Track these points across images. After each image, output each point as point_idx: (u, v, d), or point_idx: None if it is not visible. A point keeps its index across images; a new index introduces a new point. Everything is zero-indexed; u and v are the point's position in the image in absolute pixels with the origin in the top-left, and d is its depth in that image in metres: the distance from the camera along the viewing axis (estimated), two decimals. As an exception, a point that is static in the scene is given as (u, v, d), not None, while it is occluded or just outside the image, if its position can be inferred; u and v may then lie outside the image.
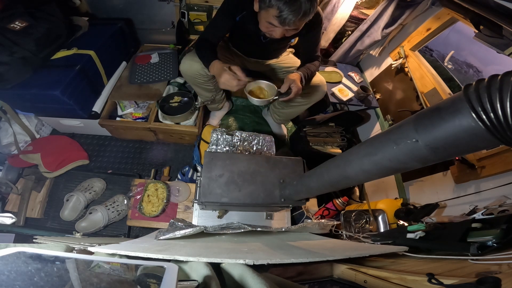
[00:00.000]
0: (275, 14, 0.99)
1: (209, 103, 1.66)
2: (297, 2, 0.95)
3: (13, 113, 1.58)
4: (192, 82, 1.47)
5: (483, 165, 1.08)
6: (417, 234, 0.88)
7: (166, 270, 0.40)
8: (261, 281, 0.47)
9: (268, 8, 1.00)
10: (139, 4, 1.83)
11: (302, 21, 1.02)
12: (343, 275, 0.73)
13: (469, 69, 2.06)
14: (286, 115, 1.73)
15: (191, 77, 1.41)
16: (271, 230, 1.06)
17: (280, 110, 1.71)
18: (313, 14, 1.03)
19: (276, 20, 1.01)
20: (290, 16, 0.98)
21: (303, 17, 1.00)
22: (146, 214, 1.39)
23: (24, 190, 1.54)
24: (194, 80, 1.42)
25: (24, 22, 1.33)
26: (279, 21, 1.01)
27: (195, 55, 1.32)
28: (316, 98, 1.48)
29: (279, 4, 0.96)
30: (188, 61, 1.36)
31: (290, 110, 1.65)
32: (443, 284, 0.51)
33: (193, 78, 1.40)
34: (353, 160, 0.57)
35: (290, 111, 1.66)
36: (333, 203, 1.47)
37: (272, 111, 1.80)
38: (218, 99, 1.68)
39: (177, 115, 1.60)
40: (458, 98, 0.36)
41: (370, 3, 1.78)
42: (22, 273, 0.36)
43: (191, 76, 1.40)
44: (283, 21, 1.00)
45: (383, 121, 1.76)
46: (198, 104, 1.64)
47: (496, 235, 0.67)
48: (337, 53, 1.97)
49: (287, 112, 1.68)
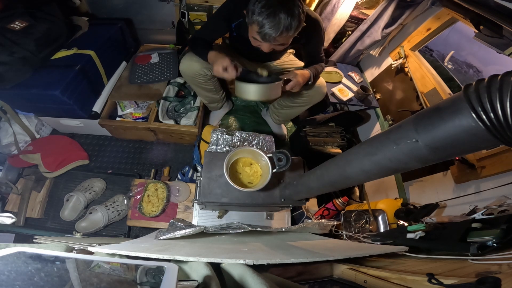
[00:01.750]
0: (257, 30, 0.99)
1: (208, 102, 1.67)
2: (276, 18, 0.94)
3: (13, 113, 1.58)
4: (192, 82, 1.47)
5: (483, 165, 1.08)
6: (417, 234, 0.88)
7: (166, 270, 0.40)
8: (261, 281, 0.47)
9: (251, 23, 1.00)
10: (139, 4, 1.83)
11: (284, 37, 1.01)
12: (343, 275, 0.73)
13: (469, 69, 2.06)
14: (286, 116, 1.73)
15: (191, 77, 1.41)
16: (271, 230, 1.06)
17: (280, 111, 1.71)
18: (297, 29, 1.01)
19: (258, 36, 1.01)
20: (270, 32, 0.97)
21: (284, 33, 0.98)
22: (146, 214, 1.39)
23: (24, 190, 1.54)
24: (194, 80, 1.42)
25: (24, 22, 1.33)
26: (261, 36, 1.01)
27: (193, 55, 1.32)
28: (315, 99, 1.48)
29: (259, 19, 0.96)
30: (187, 61, 1.36)
31: (289, 111, 1.65)
32: (443, 284, 0.51)
33: (193, 78, 1.40)
34: (353, 160, 0.57)
35: (290, 112, 1.66)
36: (333, 203, 1.47)
37: (272, 111, 1.80)
38: (218, 99, 1.68)
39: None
40: (458, 98, 0.36)
41: (370, 3, 1.78)
42: (22, 273, 0.36)
43: (191, 76, 1.40)
44: (264, 36, 1.00)
45: (383, 121, 1.76)
46: None
47: (496, 235, 0.67)
48: (337, 53, 1.97)
49: (286, 112, 1.68)
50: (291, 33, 1.00)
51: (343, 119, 1.77)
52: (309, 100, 1.49)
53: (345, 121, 1.79)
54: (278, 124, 1.89)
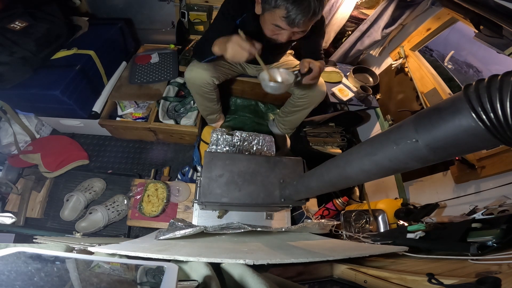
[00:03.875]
0: (282, 15, 0.92)
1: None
2: (306, 1, 0.89)
3: (13, 113, 1.58)
4: (196, 91, 1.41)
5: (483, 165, 1.08)
6: (417, 234, 0.88)
7: (166, 270, 0.40)
8: (261, 281, 0.47)
9: (274, 9, 0.93)
10: (139, 4, 1.83)
11: (311, 21, 0.97)
12: (343, 275, 0.73)
13: (469, 69, 2.06)
14: (291, 123, 1.70)
15: (197, 86, 1.37)
16: (271, 230, 1.06)
17: (284, 118, 1.69)
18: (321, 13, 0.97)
19: (283, 22, 0.95)
20: (299, 16, 0.91)
21: (312, 17, 0.94)
22: (146, 214, 1.38)
23: (24, 190, 1.54)
24: (200, 89, 1.38)
25: (24, 22, 1.33)
26: (287, 22, 0.94)
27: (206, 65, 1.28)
28: (317, 100, 1.47)
29: (286, 3, 0.89)
30: (196, 69, 1.30)
31: (293, 117, 1.63)
32: (443, 284, 0.51)
33: (200, 86, 1.36)
34: (353, 160, 0.57)
35: (295, 118, 1.63)
36: (333, 203, 1.47)
37: (277, 120, 1.78)
38: (217, 109, 1.65)
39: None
40: (458, 98, 0.36)
41: (370, 3, 1.78)
42: (22, 273, 0.36)
43: (198, 85, 1.36)
44: (292, 22, 0.93)
45: (383, 121, 1.76)
46: None
47: (496, 235, 0.67)
48: (337, 53, 1.97)
49: (291, 119, 1.65)
50: (318, 17, 0.96)
51: (343, 119, 1.77)
52: (310, 101, 1.47)
53: (345, 121, 1.79)
54: (285, 134, 1.85)
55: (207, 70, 1.29)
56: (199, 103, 1.56)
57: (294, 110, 1.57)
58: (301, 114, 1.59)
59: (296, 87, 1.43)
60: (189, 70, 1.34)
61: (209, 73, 1.30)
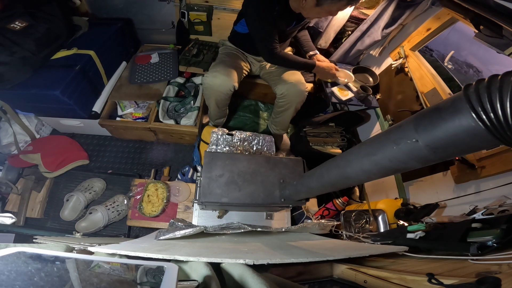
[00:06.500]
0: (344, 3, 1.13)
1: None
2: None
3: (13, 113, 1.58)
4: (215, 97, 1.43)
5: (483, 165, 1.08)
6: (417, 234, 0.88)
7: (166, 270, 0.40)
8: (261, 281, 0.47)
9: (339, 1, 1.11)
10: (139, 4, 1.83)
11: None
12: (343, 275, 0.73)
13: (469, 69, 2.05)
14: (281, 124, 1.73)
15: (219, 92, 1.38)
16: (271, 230, 1.06)
17: (274, 119, 1.73)
18: None
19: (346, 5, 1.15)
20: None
21: None
22: (146, 214, 1.38)
23: (24, 190, 1.54)
24: (220, 95, 1.40)
25: (24, 22, 1.33)
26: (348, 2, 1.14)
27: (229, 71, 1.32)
28: (296, 99, 1.49)
29: None
30: (221, 76, 1.32)
31: (281, 117, 1.66)
32: (443, 284, 0.51)
33: (221, 93, 1.38)
34: (353, 160, 0.57)
35: (282, 118, 1.67)
36: (333, 203, 1.47)
37: (270, 121, 1.82)
38: (225, 113, 1.70)
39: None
40: (458, 98, 0.36)
41: (370, 3, 1.78)
42: (22, 273, 0.36)
43: (220, 91, 1.38)
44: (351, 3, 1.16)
45: (383, 121, 1.76)
46: None
47: (496, 235, 0.67)
48: (337, 53, 1.96)
49: (279, 120, 1.69)
50: None
51: (343, 119, 1.77)
52: (289, 100, 1.50)
53: (345, 121, 1.79)
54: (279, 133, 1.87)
55: (230, 76, 1.31)
56: (213, 108, 1.56)
57: (279, 111, 1.61)
58: (286, 114, 1.62)
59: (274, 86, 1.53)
60: (212, 76, 1.35)
61: (232, 80, 1.32)
